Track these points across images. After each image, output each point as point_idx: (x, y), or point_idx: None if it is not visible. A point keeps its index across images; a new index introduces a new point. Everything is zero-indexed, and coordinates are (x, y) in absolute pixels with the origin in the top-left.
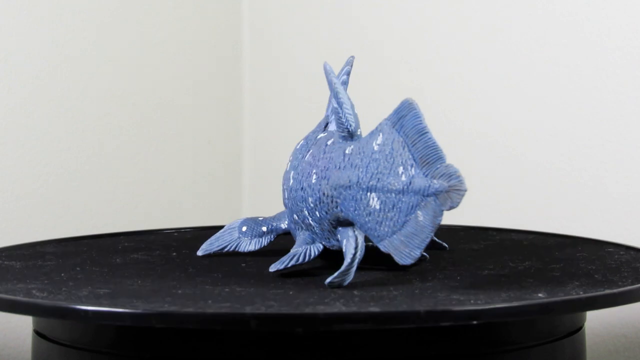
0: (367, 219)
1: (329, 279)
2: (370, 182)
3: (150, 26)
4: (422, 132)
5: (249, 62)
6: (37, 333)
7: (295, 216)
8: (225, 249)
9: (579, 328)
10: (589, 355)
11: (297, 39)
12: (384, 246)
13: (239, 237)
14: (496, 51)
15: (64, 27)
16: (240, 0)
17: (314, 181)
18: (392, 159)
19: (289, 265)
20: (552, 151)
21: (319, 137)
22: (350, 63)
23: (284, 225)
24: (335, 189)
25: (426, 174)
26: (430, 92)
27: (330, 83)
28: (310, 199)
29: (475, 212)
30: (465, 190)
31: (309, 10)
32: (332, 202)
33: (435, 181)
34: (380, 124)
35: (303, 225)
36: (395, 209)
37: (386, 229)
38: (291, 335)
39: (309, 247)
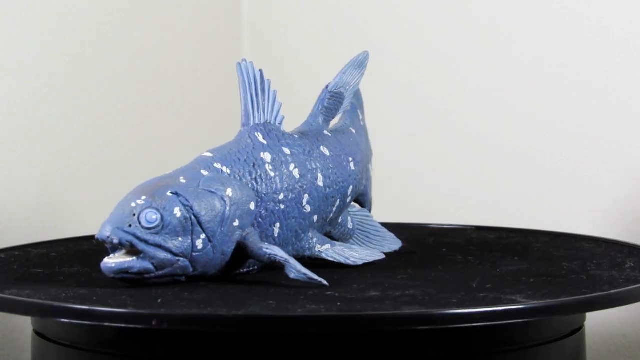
0: (370, 185)
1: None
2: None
3: (150, 26)
4: None
5: None
6: (37, 333)
7: (312, 219)
8: None
9: (579, 328)
10: (589, 355)
11: (297, 39)
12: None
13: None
14: (496, 51)
15: (64, 27)
16: (240, 0)
17: (353, 168)
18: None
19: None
20: (552, 151)
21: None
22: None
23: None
24: (366, 167)
25: None
26: (430, 92)
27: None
28: (350, 188)
29: (474, 212)
30: None
31: (309, 11)
32: (363, 180)
33: None
34: (344, 107)
35: (317, 226)
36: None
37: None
38: (291, 336)
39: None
